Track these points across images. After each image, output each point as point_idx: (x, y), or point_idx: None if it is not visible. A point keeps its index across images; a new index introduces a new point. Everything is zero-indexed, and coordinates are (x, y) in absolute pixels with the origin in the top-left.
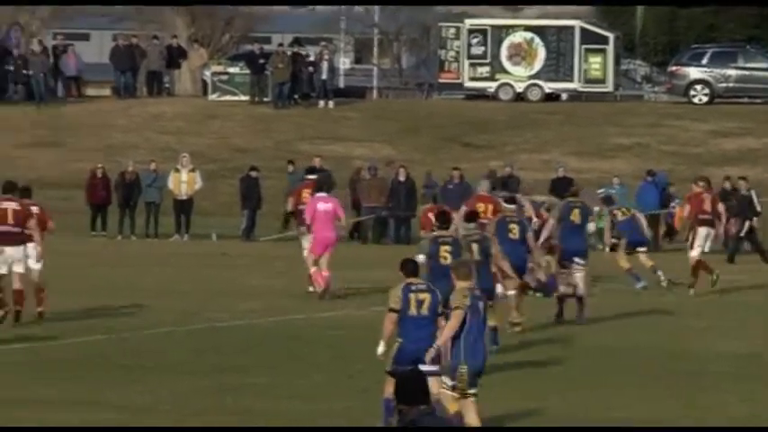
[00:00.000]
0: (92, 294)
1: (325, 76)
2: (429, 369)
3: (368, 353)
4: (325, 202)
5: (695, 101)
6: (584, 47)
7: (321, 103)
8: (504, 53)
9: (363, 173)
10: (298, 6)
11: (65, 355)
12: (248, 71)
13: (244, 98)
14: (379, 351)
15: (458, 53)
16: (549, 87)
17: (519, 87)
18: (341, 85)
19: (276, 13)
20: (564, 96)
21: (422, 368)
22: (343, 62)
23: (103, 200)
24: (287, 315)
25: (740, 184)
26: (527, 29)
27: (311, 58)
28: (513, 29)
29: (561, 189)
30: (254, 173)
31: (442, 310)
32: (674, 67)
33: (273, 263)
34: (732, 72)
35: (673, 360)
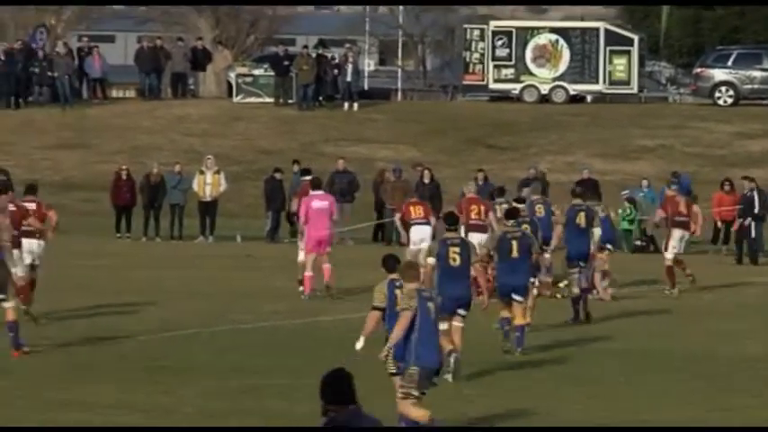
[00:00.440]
0: (116, 296)
1: (349, 78)
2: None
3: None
4: (320, 200)
5: (720, 102)
6: (608, 48)
7: (345, 105)
8: (529, 55)
9: (387, 174)
10: (322, 7)
11: (89, 357)
12: (273, 73)
13: (268, 100)
14: (358, 347)
15: (482, 55)
16: (574, 89)
17: (543, 89)
18: (365, 87)
19: (301, 15)
20: (588, 98)
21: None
22: (368, 64)
23: (128, 202)
24: (311, 317)
25: (744, 184)
26: (552, 30)
27: (336, 59)
28: (538, 31)
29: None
30: (278, 174)
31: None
32: (698, 69)
33: (298, 264)
34: (757, 74)
35: (699, 362)
